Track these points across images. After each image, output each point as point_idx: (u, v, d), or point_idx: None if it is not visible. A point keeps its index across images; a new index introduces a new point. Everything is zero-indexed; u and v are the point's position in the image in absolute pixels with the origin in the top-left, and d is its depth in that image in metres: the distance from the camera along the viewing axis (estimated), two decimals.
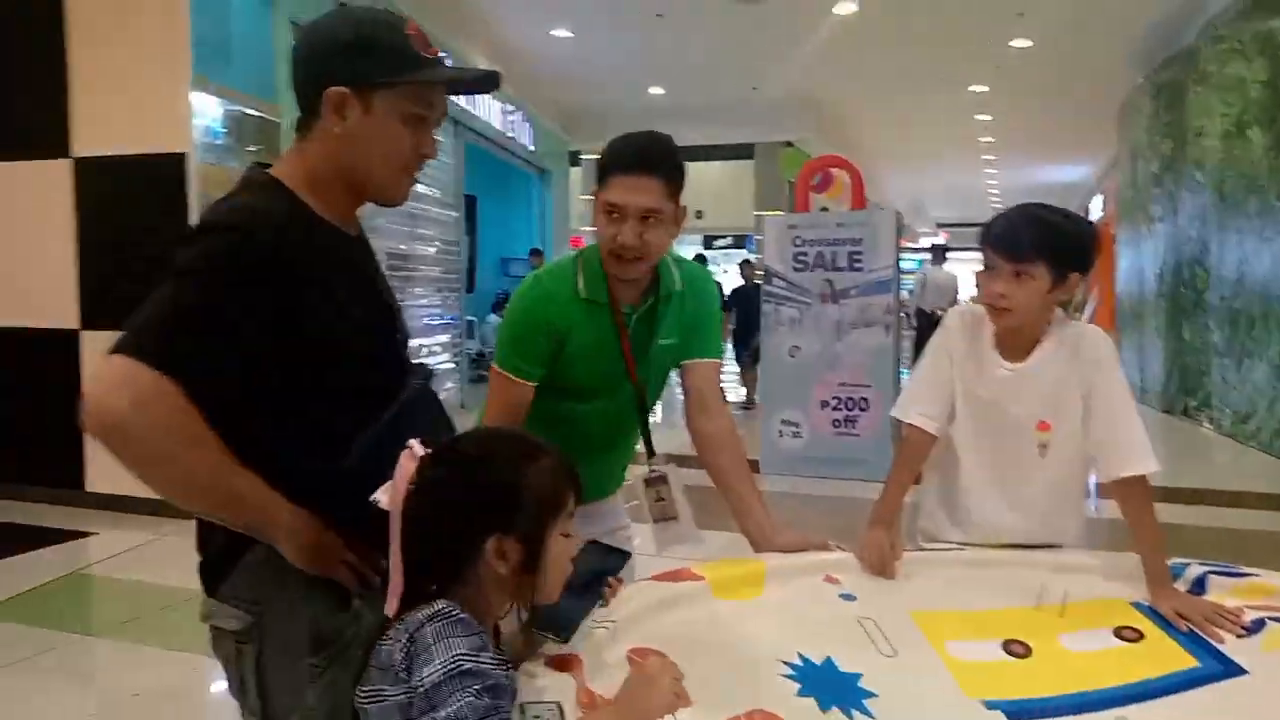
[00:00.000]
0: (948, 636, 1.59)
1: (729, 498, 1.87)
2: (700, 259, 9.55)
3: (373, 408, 1.31)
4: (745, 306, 9.41)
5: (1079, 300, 22.33)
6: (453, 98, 1.53)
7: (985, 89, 12.00)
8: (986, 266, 1.79)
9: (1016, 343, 1.82)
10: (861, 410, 6.53)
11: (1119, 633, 1.60)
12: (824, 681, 1.46)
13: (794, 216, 7.13)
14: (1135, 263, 12.14)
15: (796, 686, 1.44)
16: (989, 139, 15.65)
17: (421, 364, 1.48)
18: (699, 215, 22.44)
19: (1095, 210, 19.47)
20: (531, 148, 12.20)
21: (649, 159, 1.74)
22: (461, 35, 9.25)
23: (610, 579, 1.40)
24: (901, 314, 7.12)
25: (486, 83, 1.45)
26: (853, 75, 11.44)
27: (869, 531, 1.77)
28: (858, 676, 1.49)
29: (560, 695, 1.16)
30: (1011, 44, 9.84)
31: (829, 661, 1.51)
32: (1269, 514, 5.57)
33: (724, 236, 22.35)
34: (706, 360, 1.94)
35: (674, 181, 1.76)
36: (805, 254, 6.65)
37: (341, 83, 1.27)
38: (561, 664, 1.25)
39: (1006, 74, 11.11)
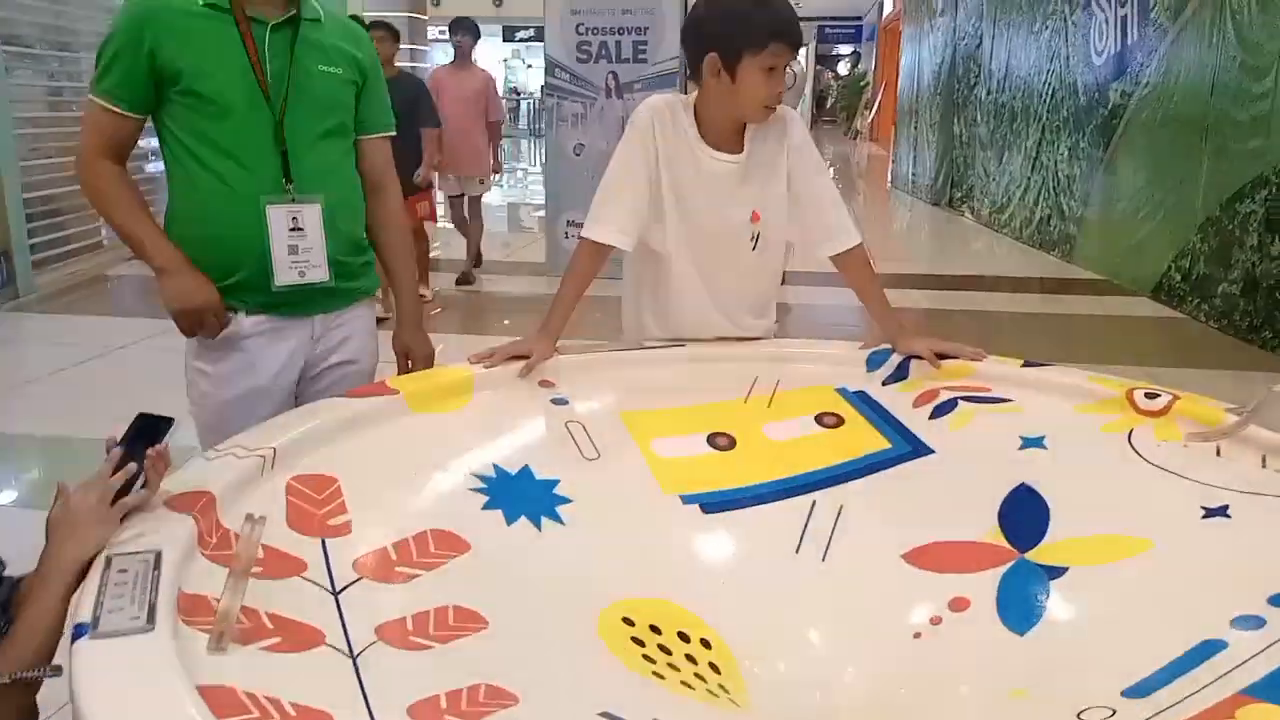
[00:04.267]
0: (654, 434, 1.56)
1: (389, 273, 1.87)
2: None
3: None
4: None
5: (868, 97, 22.88)
6: None
7: None
8: None
9: (724, 132, 1.71)
10: None
11: (820, 419, 1.62)
12: (515, 492, 1.38)
13: (576, 1, 6.65)
14: (915, 60, 12.43)
15: (483, 500, 1.36)
16: None
17: None
18: (498, 3, 20.84)
19: (888, 6, 19.64)
20: None
21: None
22: None
23: (151, 451, 1.09)
24: None
25: None
26: None
27: (535, 340, 1.65)
28: (554, 483, 1.43)
29: (164, 542, 1.00)
30: None
31: (525, 470, 1.43)
32: (1008, 295, 6.08)
33: (525, 28, 20.87)
34: (382, 135, 1.81)
35: None
36: (589, 44, 6.31)
37: None
38: (181, 503, 1.08)
39: None
